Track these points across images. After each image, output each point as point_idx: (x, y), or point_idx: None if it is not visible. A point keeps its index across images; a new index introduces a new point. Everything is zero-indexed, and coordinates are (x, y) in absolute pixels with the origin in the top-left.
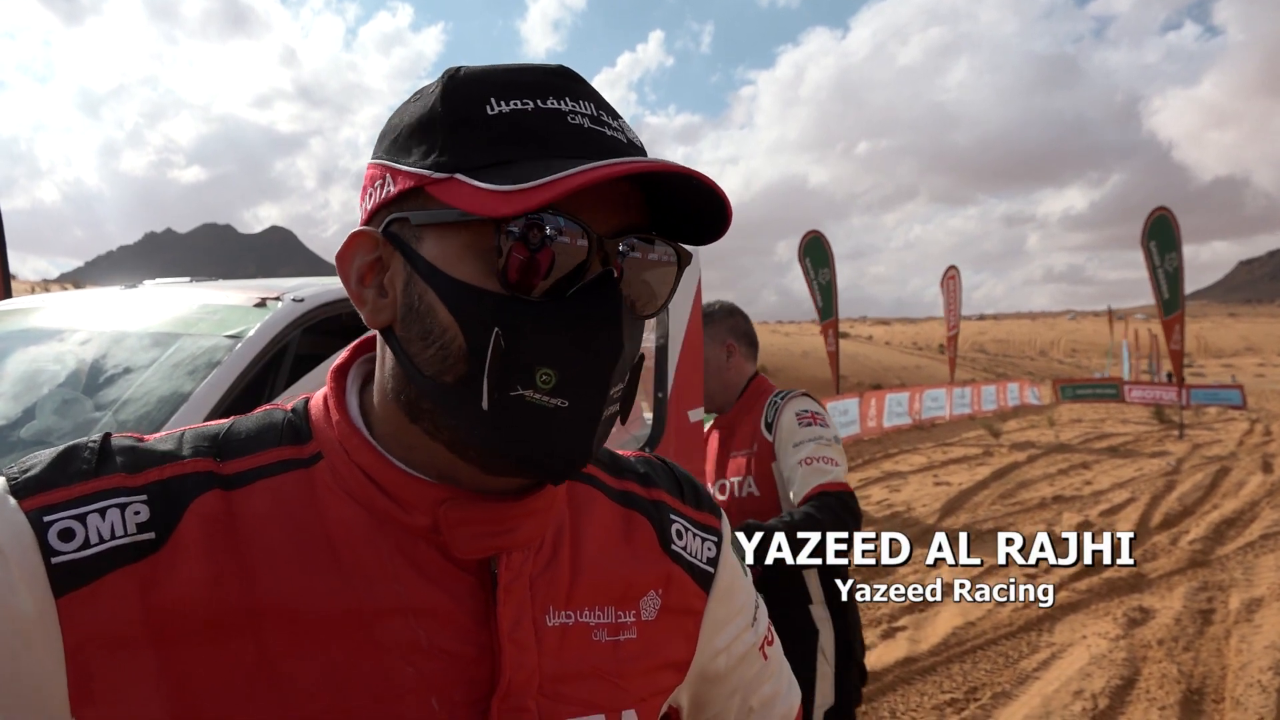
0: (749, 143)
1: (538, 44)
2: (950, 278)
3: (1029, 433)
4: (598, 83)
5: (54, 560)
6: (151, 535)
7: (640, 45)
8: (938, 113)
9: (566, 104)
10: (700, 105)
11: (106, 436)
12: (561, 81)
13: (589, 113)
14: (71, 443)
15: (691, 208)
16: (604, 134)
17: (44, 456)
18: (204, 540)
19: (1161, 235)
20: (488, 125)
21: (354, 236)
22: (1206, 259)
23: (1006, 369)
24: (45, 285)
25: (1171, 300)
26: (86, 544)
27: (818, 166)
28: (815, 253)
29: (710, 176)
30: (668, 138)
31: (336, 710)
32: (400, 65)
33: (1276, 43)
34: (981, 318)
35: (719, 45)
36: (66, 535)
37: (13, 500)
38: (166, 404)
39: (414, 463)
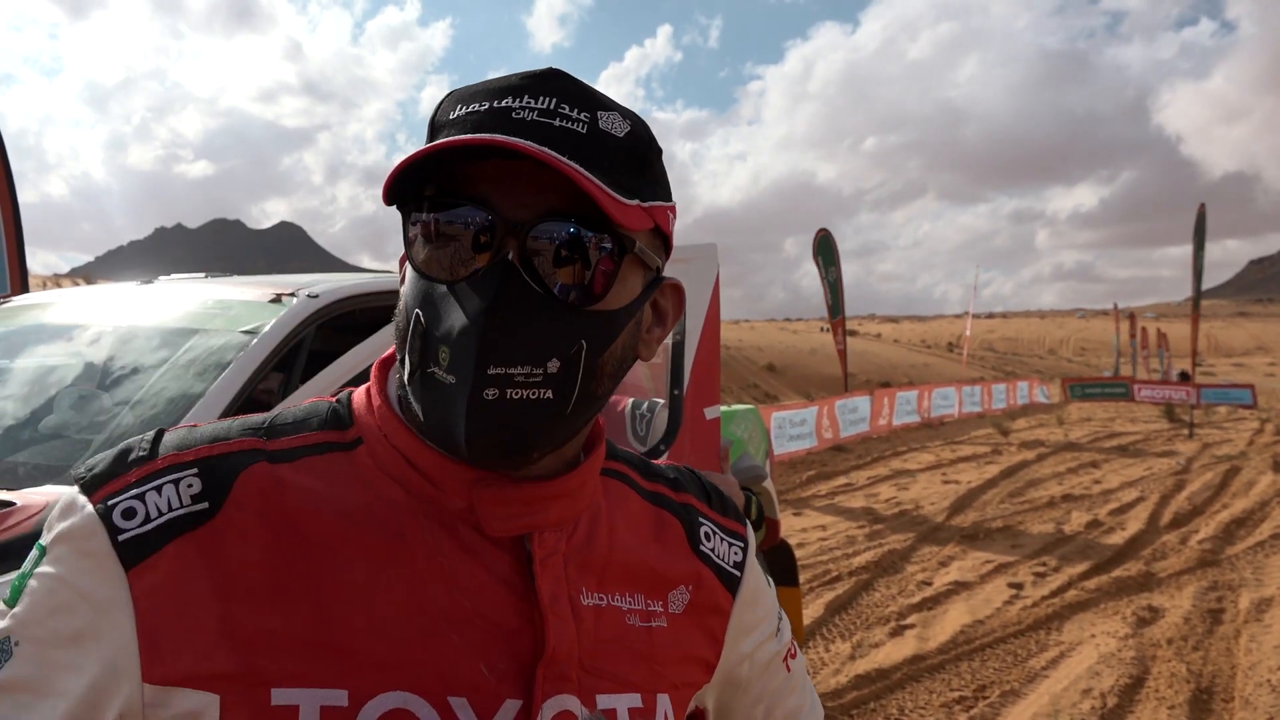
0: (757, 138)
1: (544, 39)
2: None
3: (1038, 431)
4: (604, 78)
5: (120, 538)
6: (205, 505)
7: (648, 40)
8: (947, 109)
9: (521, 101)
10: (708, 100)
11: (160, 431)
12: (530, 83)
13: (543, 107)
14: (130, 439)
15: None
16: (550, 125)
17: (106, 454)
18: (257, 507)
19: (1200, 232)
20: (444, 128)
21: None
22: (1218, 257)
23: (1015, 367)
24: (56, 280)
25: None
26: (147, 519)
27: (826, 163)
28: (826, 250)
29: (563, 158)
30: (675, 133)
31: (392, 669)
32: (408, 59)
33: None
34: (990, 316)
35: (727, 40)
36: (129, 514)
37: (82, 497)
38: (183, 398)
39: (431, 440)
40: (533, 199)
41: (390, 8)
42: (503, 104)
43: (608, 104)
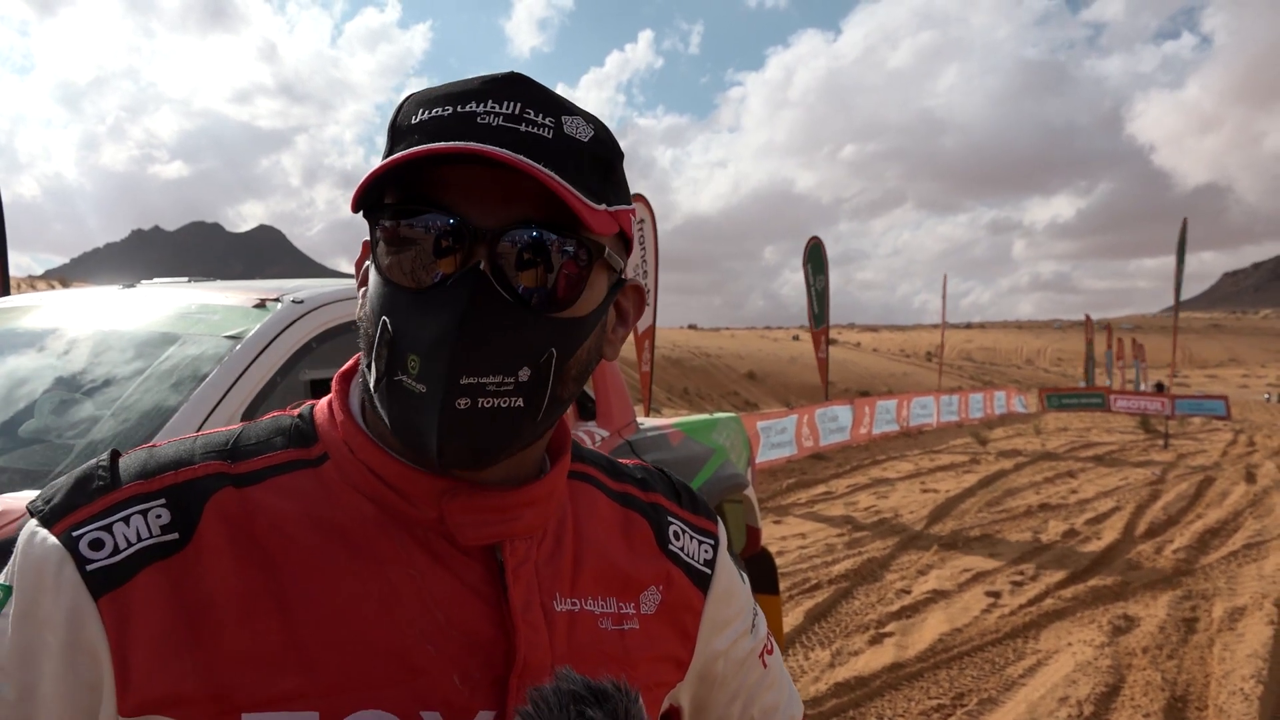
0: (737, 145)
1: (522, 43)
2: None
3: (1015, 441)
4: (585, 83)
5: (88, 568)
6: (175, 535)
7: (629, 45)
8: (927, 118)
9: (485, 106)
10: (688, 106)
11: (115, 453)
12: (493, 88)
13: (508, 112)
14: (84, 466)
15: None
16: (516, 130)
17: (62, 484)
18: (226, 534)
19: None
20: (408, 133)
21: (364, 244)
22: (1193, 269)
23: (993, 377)
24: (31, 282)
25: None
26: (116, 550)
27: (805, 171)
28: (816, 258)
29: (537, 165)
30: (655, 139)
31: (364, 685)
32: (387, 62)
33: (1261, 50)
34: (969, 326)
35: (708, 46)
36: (97, 545)
37: (43, 530)
38: (166, 406)
39: (399, 452)
40: (501, 206)
41: (370, 9)
42: (466, 108)
43: (571, 108)
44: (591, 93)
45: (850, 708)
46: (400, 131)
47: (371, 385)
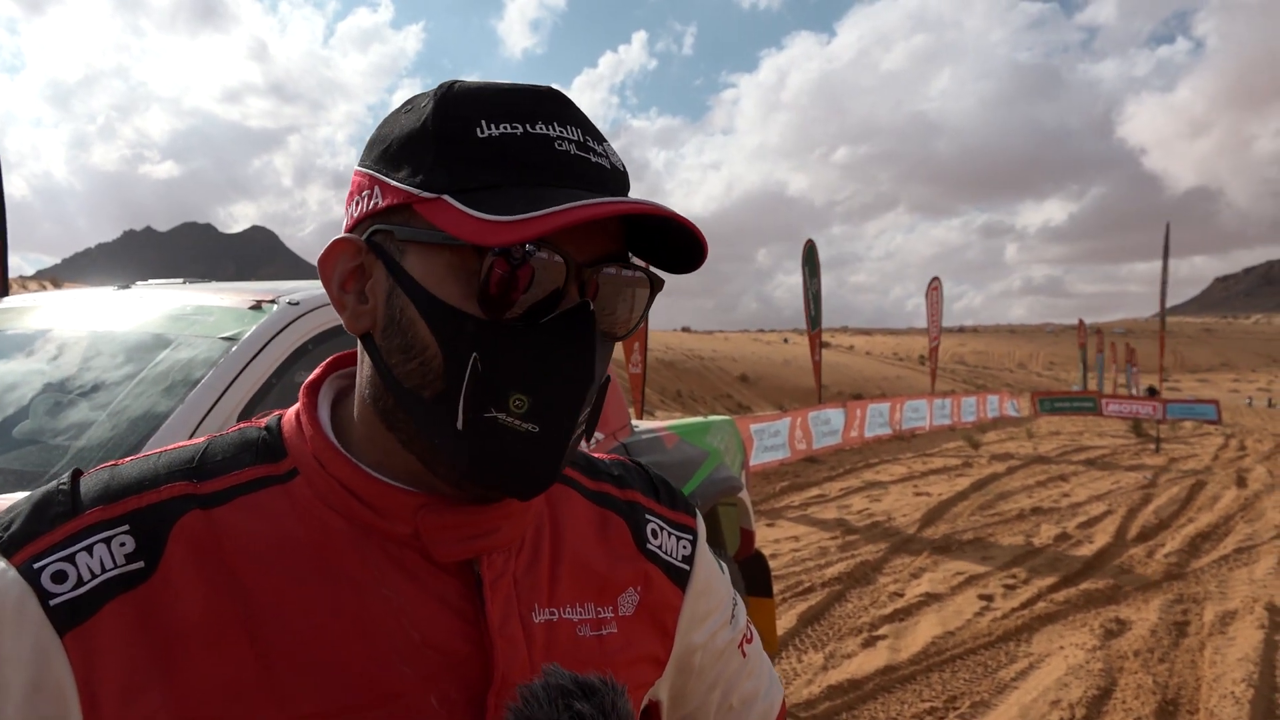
0: (730, 148)
1: (515, 44)
2: (934, 289)
3: (1008, 444)
4: (578, 84)
5: (52, 603)
6: (141, 564)
7: (623, 46)
8: (920, 121)
9: (554, 129)
10: (682, 108)
11: (76, 473)
12: (551, 106)
13: (575, 138)
14: (44, 489)
15: (670, 238)
16: (589, 161)
17: (21, 509)
18: (193, 560)
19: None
20: (478, 147)
21: (337, 243)
22: (1184, 274)
23: (986, 381)
24: (23, 283)
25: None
26: (80, 582)
27: (798, 173)
28: (811, 261)
29: (687, 217)
30: (648, 141)
31: (338, 711)
32: (380, 62)
33: (1253, 54)
34: (961, 329)
35: (702, 48)
36: (60, 577)
37: (2, 561)
38: (161, 407)
39: (388, 469)
40: (587, 241)
41: (362, 9)
42: (537, 129)
43: (599, 132)
44: (585, 94)
45: (843, 710)
46: (466, 143)
47: (459, 424)
